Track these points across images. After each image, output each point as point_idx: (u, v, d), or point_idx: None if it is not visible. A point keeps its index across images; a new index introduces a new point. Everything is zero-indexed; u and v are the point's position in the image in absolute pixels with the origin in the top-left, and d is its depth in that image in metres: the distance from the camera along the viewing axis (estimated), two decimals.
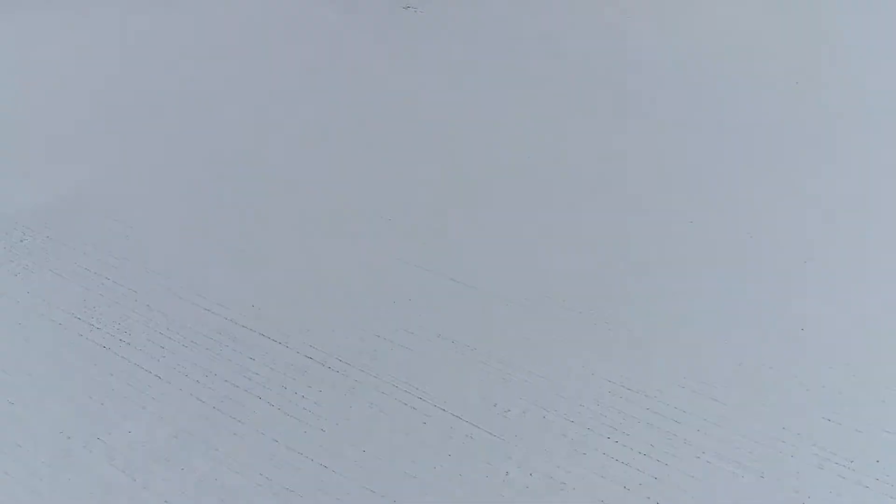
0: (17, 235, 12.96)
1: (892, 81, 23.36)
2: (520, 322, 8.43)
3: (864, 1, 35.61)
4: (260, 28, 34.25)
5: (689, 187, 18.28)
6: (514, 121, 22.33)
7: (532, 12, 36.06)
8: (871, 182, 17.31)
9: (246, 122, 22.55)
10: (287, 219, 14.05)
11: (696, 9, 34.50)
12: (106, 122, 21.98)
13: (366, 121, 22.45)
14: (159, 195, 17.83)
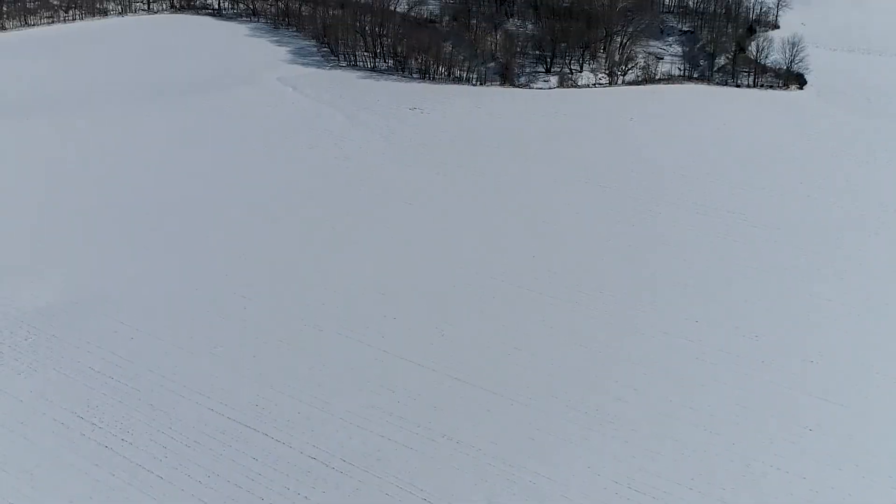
0: (21, 334, 13.69)
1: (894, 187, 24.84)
2: (524, 421, 9.01)
3: (861, 106, 37.42)
4: (271, 130, 36.27)
5: (694, 287, 19.48)
6: (516, 221, 23.68)
7: (535, 116, 37.98)
8: (875, 286, 18.26)
9: (250, 221, 24.04)
10: (288, 317, 15.16)
11: (700, 116, 36.47)
12: (112, 227, 23.35)
13: (371, 219, 23.84)
14: (164, 298, 19.09)
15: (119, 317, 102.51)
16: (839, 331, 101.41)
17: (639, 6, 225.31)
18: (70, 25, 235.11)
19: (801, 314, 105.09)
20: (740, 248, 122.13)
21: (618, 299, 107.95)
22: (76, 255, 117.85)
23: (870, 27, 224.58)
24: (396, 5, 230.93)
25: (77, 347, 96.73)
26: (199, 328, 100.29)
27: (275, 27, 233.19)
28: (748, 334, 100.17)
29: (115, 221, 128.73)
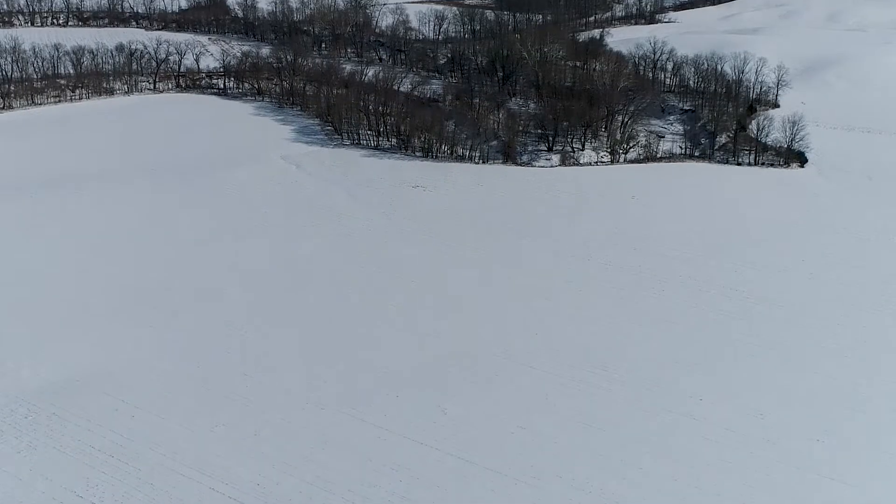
0: (21, 412, 13.61)
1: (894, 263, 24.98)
2: (529, 502, 8.84)
3: (862, 184, 37.90)
4: (274, 208, 36.69)
5: (697, 364, 19.45)
6: (518, 298, 23.88)
7: (537, 193, 38.38)
8: (880, 363, 18.25)
9: (251, 299, 24.20)
10: (289, 395, 15.04)
11: (702, 194, 36.86)
12: (113, 304, 23.47)
13: (373, 296, 24.05)
14: (165, 375, 19.08)
15: (120, 394, 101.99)
16: (845, 409, 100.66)
17: (640, 86, 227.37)
18: (76, 104, 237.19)
19: (806, 392, 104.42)
20: (743, 326, 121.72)
21: (621, 377, 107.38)
22: (77, 332, 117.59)
23: (869, 106, 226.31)
24: (400, 85, 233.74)
25: (77, 425, 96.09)
26: (200, 406, 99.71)
27: (279, 106, 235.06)
28: (753, 412, 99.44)
29: (117, 298, 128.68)
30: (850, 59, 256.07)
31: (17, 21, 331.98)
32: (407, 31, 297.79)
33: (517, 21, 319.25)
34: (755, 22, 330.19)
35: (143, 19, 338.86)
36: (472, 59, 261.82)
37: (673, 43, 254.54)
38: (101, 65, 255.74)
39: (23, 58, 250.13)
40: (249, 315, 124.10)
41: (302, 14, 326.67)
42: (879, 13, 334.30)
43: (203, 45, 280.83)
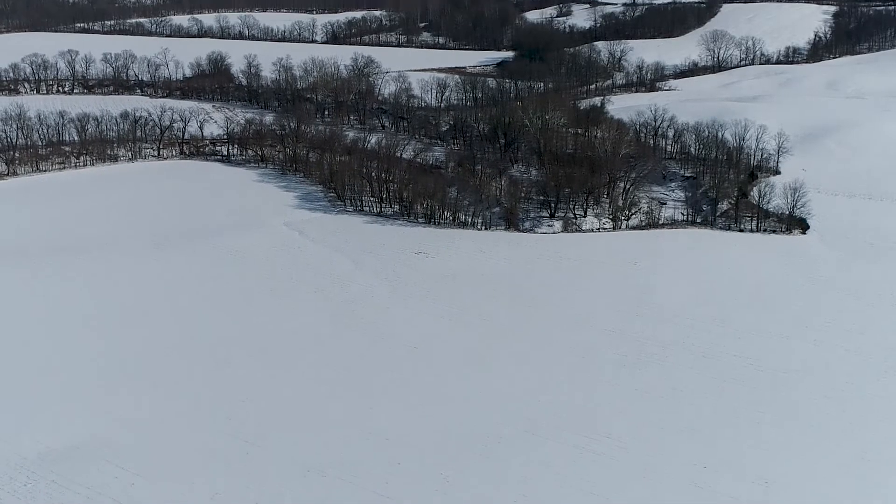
0: (21, 479, 13.42)
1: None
2: None
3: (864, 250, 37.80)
4: (276, 274, 36.62)
5: (701, 431, 19.22)
6: (520, 364, 23.67)
7: (539, 260, 38.43)
8: (884, 431, 17.95)
9: (253, 365, 24.07)
10: (291, 462, 14.77)
11: (704, 260, 36.80)
12: (114, 371, 23.28)
13: (376, 363, 23.87)
14: (165, 442, 18.81)
15: (120, 462, 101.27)
16: (851, 477, 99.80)
17: (641, 153, 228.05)
18: (81, 171, 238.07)
19: (810, 460, 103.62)
20: (747, 393, 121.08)
21: (625, 444, 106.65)
22: (78, 400, 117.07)
23: (869, 173, 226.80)
24: (402, 152, 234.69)
25: (77, 493, 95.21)
26: (199, 474, 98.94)
27: (282, 173, 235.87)
28: (757, 480, 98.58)
29: (117, 366, 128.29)
30: (850, 126, 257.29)
31: (23, 89, 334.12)
32: (409, 98, 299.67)
33: (519, 89, 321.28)
34: (755, 90, 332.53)
35: (147, 87, 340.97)
36: (474, 127, 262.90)
37: (674, 110, 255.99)
38: (106, 132, 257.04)
39: (28, 125, 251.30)
40: (250, 382, 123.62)
41: (305, 82, 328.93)
42: (878, 81, 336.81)
43: (207, 112, 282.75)
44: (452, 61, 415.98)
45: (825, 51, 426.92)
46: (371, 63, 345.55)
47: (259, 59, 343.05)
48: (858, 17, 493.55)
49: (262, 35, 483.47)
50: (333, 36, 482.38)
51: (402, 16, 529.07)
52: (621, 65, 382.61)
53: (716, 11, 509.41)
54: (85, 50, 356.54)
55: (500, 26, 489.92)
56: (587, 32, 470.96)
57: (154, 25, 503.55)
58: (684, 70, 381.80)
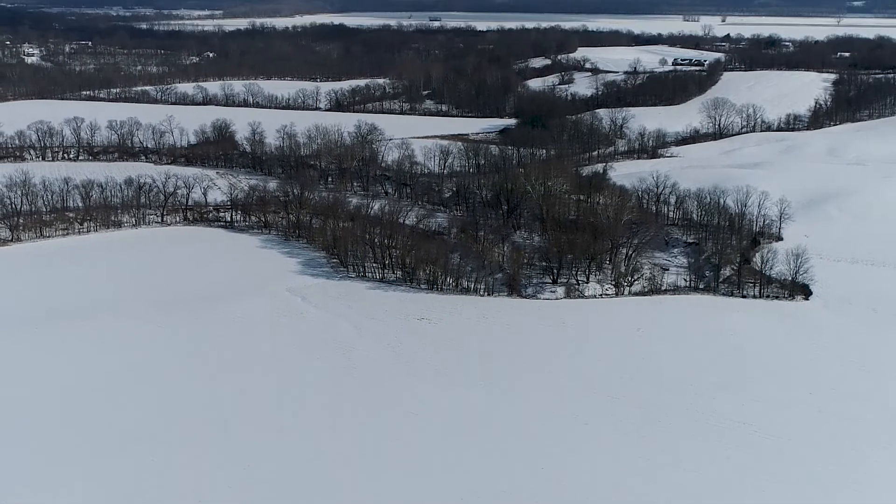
0: None
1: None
2: None
3: (867, 317, 37.71)
4: (279, 340, 36.51)
5: (706, 500, 19.00)
6: (523, 433, 23.42)
7: (542, 326, 38.14)
8: (889, 498, 17.72)
9: (255, 433, 23.84)
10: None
11: (707, 326, 36.65)
12: (114, 441, 23.06)
13: (377, 430, 23.62)
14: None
15: None
16: None
17: (643, 219, 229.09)
18: (84, 237, 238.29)
19: None
20: (751, 461, 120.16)
21: None
22: (78, 468, 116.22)
23: (871, 239, 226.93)
24: (405, 218, 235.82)
25: None
26: None
27: (286, 239, 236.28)
28: None
29: (118, 433, 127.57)
30: (852, 192, 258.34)
31: (29, 156, 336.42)
32: (412, 165, 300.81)
33: (521, 155, 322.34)
34: (757, 156, 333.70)
35: (152, 154, 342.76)
36: (476, 193, 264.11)
37: (675, 177, 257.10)
38: (110, 198, 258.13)
39: (33, 191, 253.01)
40: (252, 450, 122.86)
41: (309, 149, 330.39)
42: (878, 148, 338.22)
43: (211, 178, 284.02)
44: (455, 128, 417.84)
45: (826, 118, 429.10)
46: (374, 130, 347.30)
47: (263, 126, 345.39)
48: (858, 85, 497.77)
49: (266, 102, 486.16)
50: (337, 103, 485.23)
51: (405, 83, 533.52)
52: (623, 132, 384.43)
53: (716, 79, 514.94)
54: (91, 117, 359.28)
55: (503, 94, 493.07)
56: (589, 100, 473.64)
57: (159, 93, 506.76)
58: (686, 137, 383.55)
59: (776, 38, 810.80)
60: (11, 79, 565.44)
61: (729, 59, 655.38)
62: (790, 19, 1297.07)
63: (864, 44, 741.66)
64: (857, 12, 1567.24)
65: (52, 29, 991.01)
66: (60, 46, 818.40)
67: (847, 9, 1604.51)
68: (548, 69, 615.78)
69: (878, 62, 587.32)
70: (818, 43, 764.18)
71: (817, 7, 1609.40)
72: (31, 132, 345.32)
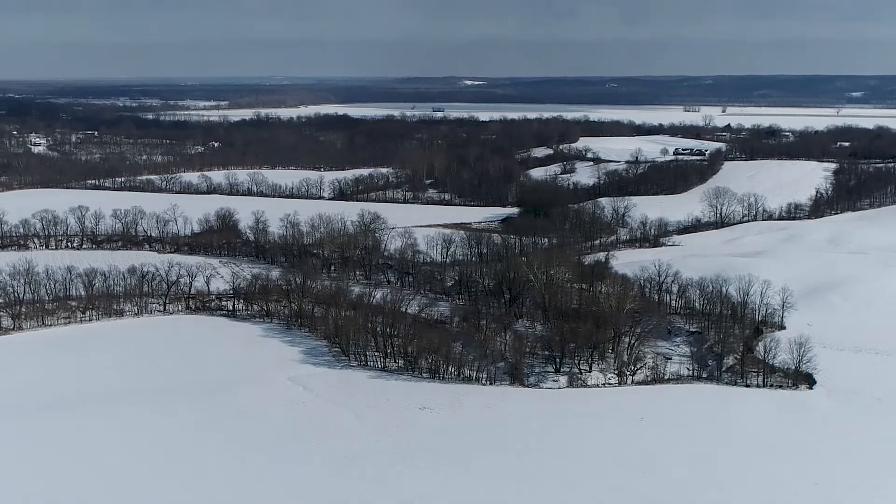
0: None
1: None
2: None
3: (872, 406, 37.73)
4: (280, 430, 36.52)
5: None
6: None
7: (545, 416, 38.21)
8: None
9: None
10: None
11: (711, 416, 36.78)
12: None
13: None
14: None
15: None
16: None
17: (646, 308, 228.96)
18: (86, 326, 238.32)
19: None
20: None
21: None
22: None
23: (874, 328, 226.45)
24: (407, 307, 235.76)
25: None
26: None
27: (288, 327, 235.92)
28: None
29: None
30: (854, 281, 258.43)
31: (33, 244, 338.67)
32: (415, 254, 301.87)
33: (523, 244, 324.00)
34: (758, 245, 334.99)
35: (156, 242, 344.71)
36: (479, 282, 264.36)
37: (677, 266, 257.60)
38: (113, 287, 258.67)
39: (35, 280, 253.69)
40: None
41: (312, 237, 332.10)
42: (880, 236, 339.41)
43: (214, 267, 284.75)
44: (458, 217, 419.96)
45: (827, 207, 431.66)
46: (377, 219, 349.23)
47: (267, 215, 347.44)
48: (859, 174, 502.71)
49: (270, 191, 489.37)
50: (341, 192, 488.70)
51: (408, 173, 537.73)
52: (625, 221, 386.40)
53: (717, 169, 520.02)
54: (95, 206, 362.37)
55: (505, 183, 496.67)
56: (591, 189, 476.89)
57: (164, 182, 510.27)
58: (687, 226, 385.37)
59: (776, 128, 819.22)
60: (18, 168, 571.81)
61: (730, 148, 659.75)
62: (790, 110, 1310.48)
63: (863, 133, 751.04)
64: (856, 103, 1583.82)
65: (60, 119, 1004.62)
66: (67, 136, 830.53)
67: (846, 99, 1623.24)
68: (550, 158, 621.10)
69: (878, 151, 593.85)
70: (818, 133, 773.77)
71: (817, 98, 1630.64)
72: (35, 221, 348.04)
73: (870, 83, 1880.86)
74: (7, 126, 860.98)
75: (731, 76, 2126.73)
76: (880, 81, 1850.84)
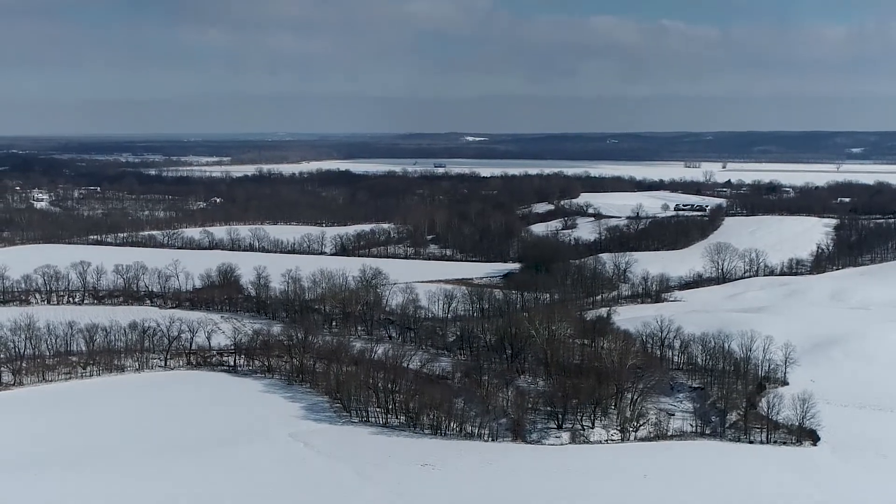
0: None
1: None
2: None
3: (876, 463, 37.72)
4: (280, 487, 36.56)
5: None
6: None
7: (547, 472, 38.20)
8: None
9: None
10: None
11: (714, 473, 36.82)
12: None
13: None
14: None
15: None
16: None
17: (648, 363, 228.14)
18: (87, 381, 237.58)
19: None
20: None
21: None
22: None
23: (877, 383, 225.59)
24: (409, 362, 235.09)
25: None
26: None
27: (289, 383, 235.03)
28: None
29: None
30: (857, 337, 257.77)
31: (34, 300, 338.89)
32: (416, 309, 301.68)
33: (525, 300, 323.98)
34: (760, 301, 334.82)
35: (157, 298, 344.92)
36: (480, 337, 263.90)
37: (679, 321, 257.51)
38: (114, 342, 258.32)
39: (37, 335, 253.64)
40: None
41: (314, 293, 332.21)
42: (882, 292, 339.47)
43: (215, 322, 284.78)
44: (459, 273, 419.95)
45: (828, 262, 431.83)
46: (379, 274, 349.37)
47: (268, 271, 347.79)
48: (859, 230, 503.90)
49: (271, 247, 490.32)
50: (342, 248, 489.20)
51: (409, 228, 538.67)
52: (626, 276, 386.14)
53: (718, 224, 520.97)
54: (97, 261, 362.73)
55: (507, 239, 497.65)
56: (592, 244, 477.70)
57: (166, 238, 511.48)
58: (689, 281, 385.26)
59: (777, 184, 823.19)
60: (20, 224, 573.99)
61: (730, 204, 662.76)
62: (790, 165, 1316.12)
63: (863, 189, 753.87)
64: (856, 158, 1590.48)
65: (63, 175, 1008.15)
66: (70, 192, 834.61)
67: (846, 155, 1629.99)
68: (551, 214, 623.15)
69: (879, 207, 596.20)
70: (818, 188, 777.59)
71: (817, 154, 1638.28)
72: (37, 276, 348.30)
73: (870, 139, 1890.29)
74: (10, 182, 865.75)
75: (731, 132, 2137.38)
76: (880, 137, 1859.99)
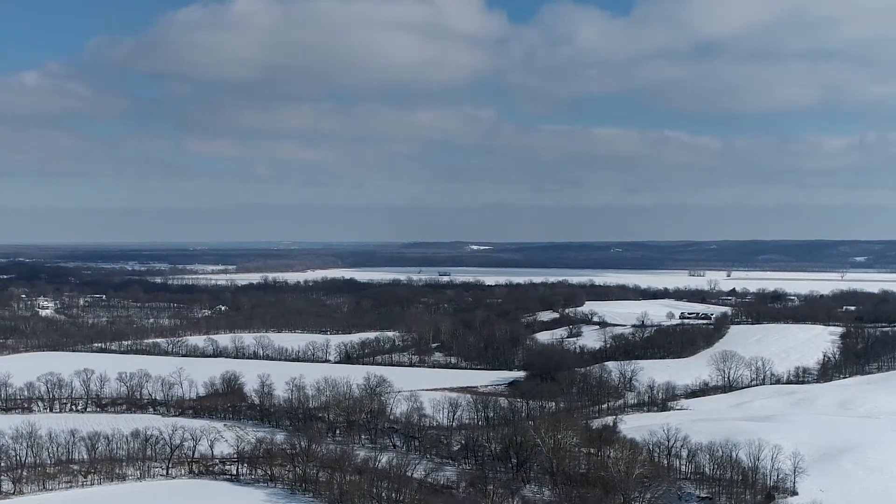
0: None
1: None
2: None
3: None
4: None
5: None
6: None
7: None
8: None
9: None
10: None
11: None
12: None
13: None
14: None
15: None
16: None
17: (655, 473, 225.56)
18: (87, 490, 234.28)
19: None
20: None
21: None
22: None
23: (889, 494, 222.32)
24: (413, 471, 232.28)
25: None
26: None
27: (291, 492, 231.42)
28: None
29: None
30: (866, 446, 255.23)
31: (37, 407, 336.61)
32: (421, 417, 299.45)
33: (530, 408, 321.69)
34: (767, 409, 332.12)
35: (160, 406, 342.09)
36: (485, 446, 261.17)
37: (686, 430, 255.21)
38: (116, 450, 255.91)
39: (38, 443, 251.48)
40: None
41: (317, 401, 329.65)
42: (890, 400, 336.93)
43: (218, 430, 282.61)
44: (464, 381, 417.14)
45: (835, 371, 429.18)
46: (383, 383, 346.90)
47: (272, 378, 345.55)
48: (866, 338, 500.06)
49: (276, 355, 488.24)
50: (347, 356, 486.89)
51: (414, 336, 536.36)
52: (632, 384, 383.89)
53: (724, 332, 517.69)
54: (101, 369, 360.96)
55: (511, 347, 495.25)
56: (597, 353, 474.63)
57: (171, 345, 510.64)
58: (695, 390, 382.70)
59: (781, 293, 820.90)
60: (24, 331, 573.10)
61: (735, 312, 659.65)
62: (794, 274, 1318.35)
63: (868, 298, 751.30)
64: (860, 267, 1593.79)
65: (68, 283, 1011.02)
66: (75, 300, 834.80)
67: (850, 264, 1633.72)
68: (556, 322, 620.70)
69: (884, 315, 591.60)
70: (823, 297, 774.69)
71: (821, 262, 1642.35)
72: (40, 384, 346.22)
73: (874, 248, 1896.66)
74: (17, 289, 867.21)
75: (735, 241, 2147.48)
76: (884, 246, 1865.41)
